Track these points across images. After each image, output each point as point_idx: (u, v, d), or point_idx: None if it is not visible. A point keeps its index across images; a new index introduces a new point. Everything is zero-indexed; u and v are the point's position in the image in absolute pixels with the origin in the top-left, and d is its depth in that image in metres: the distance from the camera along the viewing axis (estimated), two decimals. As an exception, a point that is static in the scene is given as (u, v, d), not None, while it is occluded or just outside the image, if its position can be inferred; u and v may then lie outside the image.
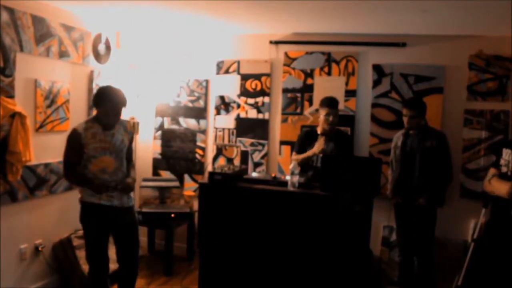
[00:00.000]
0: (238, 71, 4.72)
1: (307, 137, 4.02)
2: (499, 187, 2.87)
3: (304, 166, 3.83)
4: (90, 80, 4.23)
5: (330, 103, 3.87)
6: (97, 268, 3.24)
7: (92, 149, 3.05)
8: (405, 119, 3.76)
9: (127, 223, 3.25)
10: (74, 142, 3.05)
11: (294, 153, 4.06)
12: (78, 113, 4.09)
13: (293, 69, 4.55)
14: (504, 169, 2.92)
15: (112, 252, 3.38)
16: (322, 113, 3.88)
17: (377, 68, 4.33)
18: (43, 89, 3.66)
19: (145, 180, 4.71)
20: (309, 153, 3.86)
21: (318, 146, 3.79)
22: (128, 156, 3.31)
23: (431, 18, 3.56)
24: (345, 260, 3.27)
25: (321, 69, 4.48)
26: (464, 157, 4.14)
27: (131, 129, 3.32)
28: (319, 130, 3.95)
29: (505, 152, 2.92)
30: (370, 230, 3.37)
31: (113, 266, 3.44)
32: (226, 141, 4.81)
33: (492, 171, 3.04)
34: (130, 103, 4.66)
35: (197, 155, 4.91)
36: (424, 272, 3.78)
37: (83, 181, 3.10)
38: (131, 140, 3.31)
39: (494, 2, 2.98)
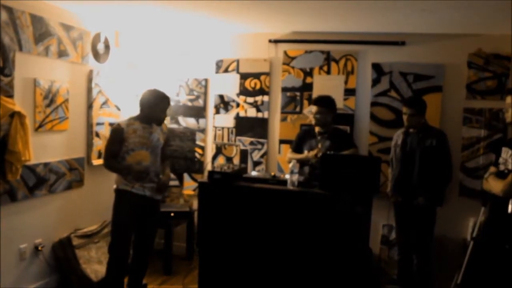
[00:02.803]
0: (237, 70, 4.72)
1: (304, 135, 4.05)
2: (495, 185, 2.88)
3: (301, 163, 3.86)
4: (89, 80, 4.22)
5: (316, 101, 3.90)
6: (118, 257, 3.45)
7: (131, 143, 3.41)
8: (404, 117, 3.76)
9: (152, 215, 3.57)
10: (117, 135, 3.42)
11: (290, 150, 4.10)
12: (77, 112, 4.10)
13: (293, 68, 4.55)
14: (501, 167, 2.93)
15: None
16: (313, 111, 3.91)
17: (376, 67, 4.33)
18: (42, 88, 3.66)
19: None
20: (302, 156, 3.88)
21: (313, 151, 3.81)
22: (164, 155, 3.66)
23: (430, 17, 3.56)
24: (344, 259, 3.28)
25: (321, 68, 4.48)
26: (463, 155, 4.14)
27: (167, 130, 3.71)
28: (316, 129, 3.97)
29: (504, 151, 2.93)
30: (369, 229, 3.38)
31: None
32: (225, 140, 4.81)
33: (491, 169, 3.04)
34: (128, 103, 4.71)
35: (196, 154, 4.91)
36: (423, 271, 3.79)
37: (122, 169, 3.42)
38: (166, 140, 3.69)
39: (493, 1, 2.98)
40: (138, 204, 3.45)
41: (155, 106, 3.46)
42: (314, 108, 3.89)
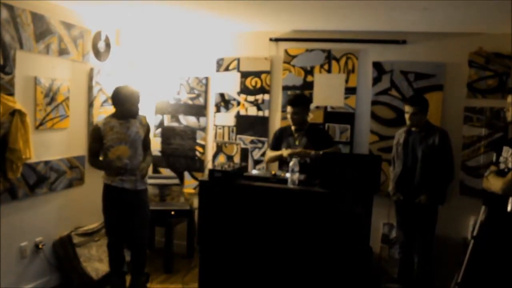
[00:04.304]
0: (238, 68, 4.72)
1: (280, 134, 4.08)
2: (494, 183, 2.88)
3: (279, 160, 3.97)
4: (90, 78, 4.22)
5: (291, 102, 3.91)
6: (113, 239, 3.70)
7: (110, 140, 3.55)
8: (407, 116, 3.76)
9: (136, 204, 3.66)
10: (95, 134, 3.60)
11: (269, 149, 4.15)
12: (78, 111, 4.10)
13: (293, 66, 4.55)
14: (502, 166, 2.93)
15: None
16: (288, 111, 3.92)
17: (377, 66, 4.33)
18: (43, 86, 3.66)
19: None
20: (277, 153, 3.92)
21: (288, 148, 3.86)
22: (145, 146, 3.75)
23: (431, 16, 3.56)
24: (345, 258, 3.28)
25: (321, 66, 4.47)
26: (464, 154, 4.14)
27: (146, 123, 3.76)
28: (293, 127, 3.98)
29: (505, 150, 2.93)
30: (370, 228, 3.38)
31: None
32: (226, 139, 4.82)
33: (492, 168, 3.05)
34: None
35: (197, 153, 4.91)
36: (424, 270, 3.79)
37: (103, 166, 3.65)
38: (147, 132, 3.76)
39: (494, 0, 2.97)
40: (120, 197, 3.60)
41: (124, 102, 3.56)
42: (289, 109, 3.89)
